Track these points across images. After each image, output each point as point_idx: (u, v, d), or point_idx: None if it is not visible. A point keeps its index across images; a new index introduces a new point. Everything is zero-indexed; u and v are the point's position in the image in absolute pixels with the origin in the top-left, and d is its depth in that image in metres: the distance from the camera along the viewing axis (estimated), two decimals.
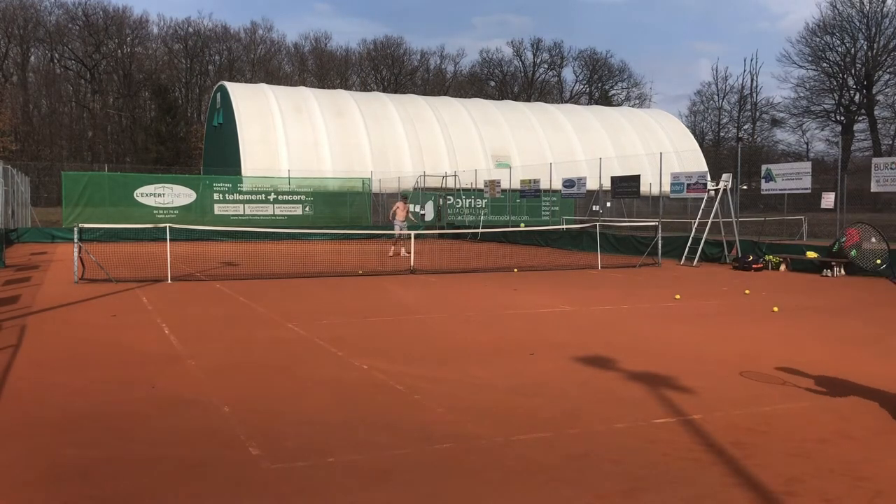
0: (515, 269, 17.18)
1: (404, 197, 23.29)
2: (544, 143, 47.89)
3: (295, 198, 33.26)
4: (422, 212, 29.93)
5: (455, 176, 37.26)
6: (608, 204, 30.35)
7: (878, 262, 5.26)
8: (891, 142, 59.69)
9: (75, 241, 14.10)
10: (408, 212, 21.59)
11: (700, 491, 4.00)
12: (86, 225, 16.22)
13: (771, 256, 17.92)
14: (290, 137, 42.82)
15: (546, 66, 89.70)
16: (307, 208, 33.14)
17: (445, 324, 9.63)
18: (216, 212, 31.29)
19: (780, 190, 19.75)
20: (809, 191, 18.98)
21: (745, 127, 75.09)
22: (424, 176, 37.47)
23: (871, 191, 17.46)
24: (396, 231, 20.98)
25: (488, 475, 4.24)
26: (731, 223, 19.28)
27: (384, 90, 72.48)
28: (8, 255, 19.46)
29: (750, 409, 5.58)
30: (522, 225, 29.23)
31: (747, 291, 13.22)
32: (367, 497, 3.93)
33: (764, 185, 19.80)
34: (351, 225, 32.70)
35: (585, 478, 4.21)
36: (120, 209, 29.45)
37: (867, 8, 60.99)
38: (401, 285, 13.93)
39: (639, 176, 24.30)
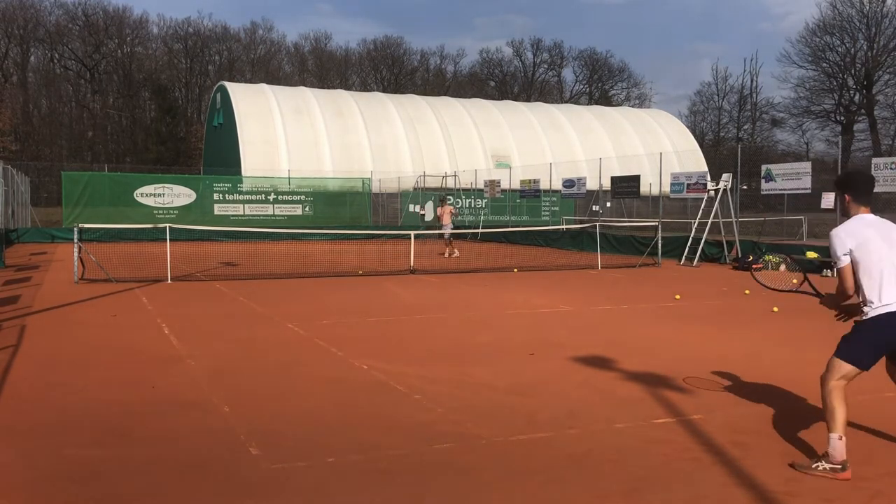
0: (515, 269, 17.18)
1: (442, 200, 24.02)
2: (544, 143, 47.87)
3: (295, 198, 33.27)
4: (421, 212, 29.92)
5: (455, 176, 37.26)
6: (608, 204, 30.37)
7: (794, 281, 5.34)
8: (891, 142, 59.62)
9: (75, 241, 14.10)
10: (451, 213, 21.93)
11: (700, 491, 4.01)
12: (86, 225, 16.23)
13: (771, 256, 17.91)
14: (290, 137, 42.79)
15: (546, 66, 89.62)
16: (307, 208, 33.14)
17: (445, 324, 9.63)
18: (216, 212, 31.30)
19: (780, 190, 19.76)
20: (809, 191, 18.99)
21: (745, 127, 74.96)
22: (424, 176, 37.48)
23: None
24: (445, 232, 21.53)
25: (488, 475, 4.24)
26: (731, 223, 19.29)
27: (384, 90, 72.39)
28: (8, 255, 19.46)
29: (750, 409, 5.59)
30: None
31: (747, 291, 13.22)
32: (367, 497, 3.93)
33: (764, 185, 19.81)
34: (351, 225, 32.69)
35: (585, 478, 4.21)
36: (120, 209, 29.46)
37: (867, 8, 60.90)
38: (401, 285, 13.93)
39: (639, 176, 24.31)
